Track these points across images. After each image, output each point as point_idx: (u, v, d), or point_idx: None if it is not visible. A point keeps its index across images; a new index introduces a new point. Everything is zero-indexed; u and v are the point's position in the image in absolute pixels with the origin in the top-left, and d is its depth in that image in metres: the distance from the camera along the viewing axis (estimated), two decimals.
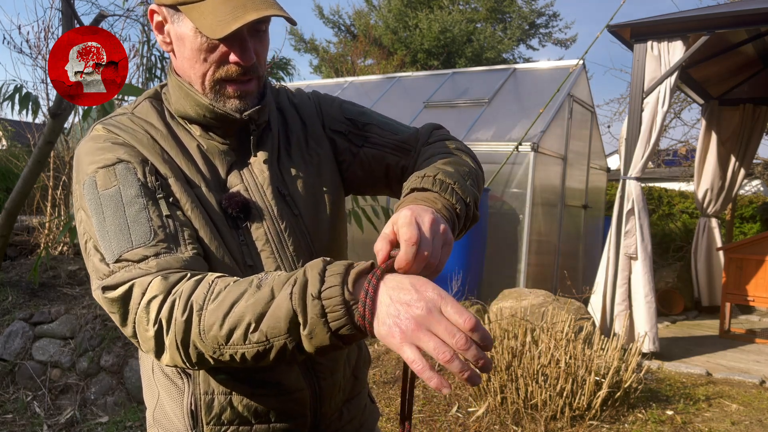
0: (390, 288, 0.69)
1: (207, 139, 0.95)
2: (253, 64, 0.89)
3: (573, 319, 3.45)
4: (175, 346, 0.76)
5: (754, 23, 4.54)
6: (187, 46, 0.88)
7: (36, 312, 4.03)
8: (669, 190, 10.70)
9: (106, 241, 0.81)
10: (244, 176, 0.95)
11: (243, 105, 0.92)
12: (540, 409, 3.07)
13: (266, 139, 0.99)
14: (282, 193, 0.96)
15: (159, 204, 0.84)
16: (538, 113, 5.58)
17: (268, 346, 0.72)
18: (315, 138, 1.04)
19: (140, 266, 0.78)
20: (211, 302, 0.74)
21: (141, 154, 0.88)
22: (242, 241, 0.91)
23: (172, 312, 0.75)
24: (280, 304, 0.70)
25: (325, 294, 0.69)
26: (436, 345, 0.65)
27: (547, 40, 19.15)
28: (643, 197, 4.72)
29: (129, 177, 0.84)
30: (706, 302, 6.87)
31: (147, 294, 0.76)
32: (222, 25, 0.82)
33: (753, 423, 3.35)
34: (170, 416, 0.94)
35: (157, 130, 0.93)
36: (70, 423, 3.46)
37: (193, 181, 0.90)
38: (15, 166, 6.91)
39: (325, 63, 18.80)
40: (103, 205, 0.82)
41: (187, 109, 0.93)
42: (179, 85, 0.93)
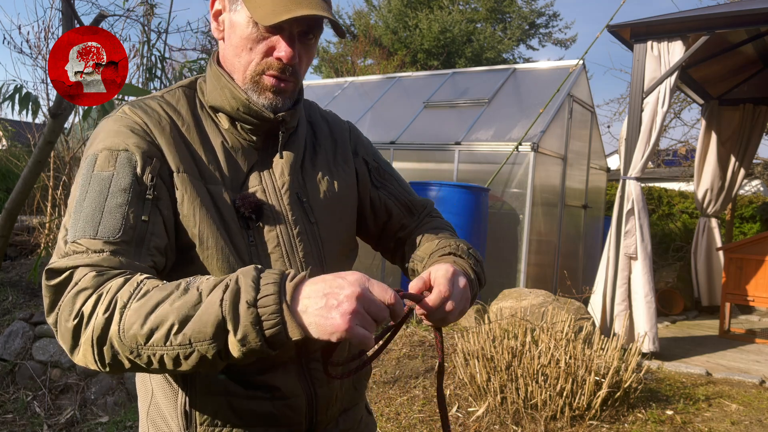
0: (318, 285, 0.72)
1: (233, 134, 0.96)
2: (294, 65, 0.92)
3: (573, 319, 3.45)
4: (90, 342, 0.74)
5: (754, 23, 4.55)
6: (238, 34, 0.91)
7: (36, 312, 4.03)
8: (669, 190, 10.71)
9: (75, 219, 0.81)
10: (264, 178, 0.96)
11: (276, 102, 0.93)
12: (540, 409, 3.07)
13: (292, 144, 1.01)
14: (300, 198, 0.98)
15: (144, 204, 0.84)
16: (538, 113, 5.59)
17: (189, 350, 0.71)
18: (343, 156, 1.08)
19: (90, 256, 0.78)
20: (136, 301, 0.73)
21: (152, 147, 0.88)
22: (252, 241, 0.92)
23: (95, 307, 0.74)
24: (208, 309, 0.70)
25: (261, 302, 0.70)
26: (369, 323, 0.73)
27: (547, 40, 19.16)
28: (642, 197, 4.72)
29: (126, 168, 0.84)
30: (706, 302, 6.87)
31: (78, 285, 0.76)
32: (274, 14, 0.85)
33: (753, 423, 3.35)
34: (164, 415, 0.94)
35: (183, 120, 0.93)
36: (71, 423, 3.46)
37: (209, 176, 0.91)
38: (15, 166, 6.91)
39: (325, 63, 18.81)
40: (91, 184, 0.83)
41: (221, 101, 0.94)
42: (218, 75, 0.95)
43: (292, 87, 0.95)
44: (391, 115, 7.00)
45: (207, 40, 5.43)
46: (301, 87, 1.01)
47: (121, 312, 0.73)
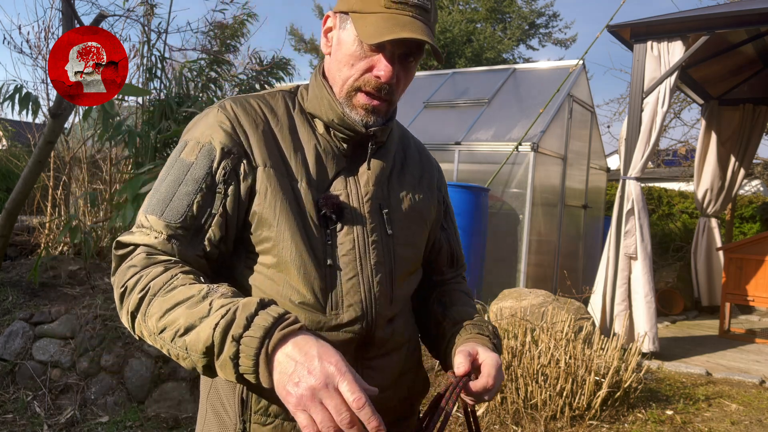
0: (298, 350, 0.74)
1: (326, 140, 1.01)
2: (391, 84, 0.95)
3: (573, 319, 3.45)
4: (127, 311, 0.85)
5: (754, 23, 4.55)
6: (343, 51, 0.96)
7: (36, 312, 4.03)
8: (669, 190, 10.71)
9: (152, 195, 0.93)
10: (349, 183, 0.99)
11: (368, 119, 0.97)
12: (540, 409, 3.07)
13: (381, 158, 1.04)
14: (381, 209, 1.01)
15: (213, 197, 0.91)
16: (538, 113, 5.59)
17: (185, 355, 0.79)
18: (428, 184, 1.12)
19: (152, 236, 0.89)
20: (163, 294, 0.82)
21: (237, 145, 0.94)
22: (328, 241, 0.95)
23: (135, 285, 0.85)
24: (204, 329, 0.76)
25: (244, 341, 0.74)
26: (323, 418, 0.71)
27: (547, 40, 19.16)
28: (642, 197, 4.72)
29: (205, 161, 0.92)
30: (706, 302, 6.87)
31: (131, 261, 0.88)
32: (378, 34, 0.90)
33: (753, 423, 3.35)
34: (223, 400, 0.98)
35: (278, 120, 0.99)
36: (71, 423, 3.46)
37: (296, 174, 0.96)
38: (15, 166, 6.91)
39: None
40: (174, 167, 0.94)
41: (318, 110, 1.00)
42: (321, 86, 1.00)
43: (386, 107, 0.98)
44: None
45: (207, 40, 5.43)
46: (395, 108, 1.05)
47: (149, 300, 0.83)
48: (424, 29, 0.92)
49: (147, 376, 3.64)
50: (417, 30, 0.91)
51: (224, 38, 5.40)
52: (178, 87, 4.99)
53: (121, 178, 5.39)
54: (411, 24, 0.92)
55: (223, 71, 5.30)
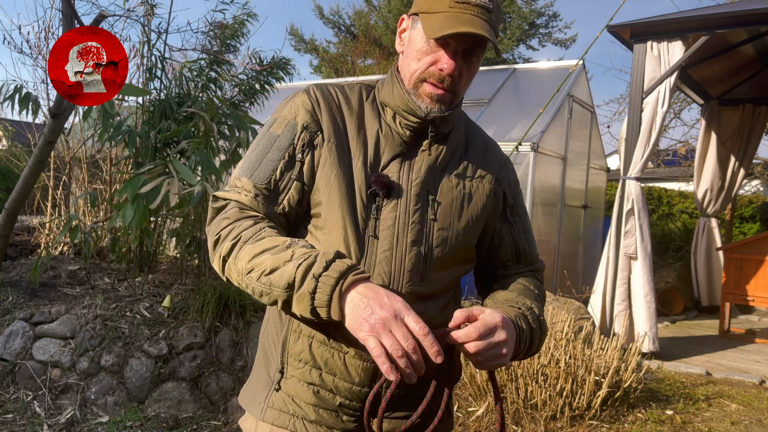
0: (369, 290, 0.90)
1: (391, 126, 1.13)
2: (453, 76, 1.06)
3: (573, 319, 3.45)
4: (219, 256, 1.02)
5: (754, 23, 4.55)
6: (413, 47, 1.08)
7: (36, 312, 4.04)
8: (669, 190, 10.70)
9: (245, 161, 1.10)
10: (403, 167, 1.10)
11: (431, 106, 1.08)
12: (540, 409, 3.07)
13: (440, 147, 1.13)
14: (429, 195, 1.10)
15: (293, 164, 1.08)
16: (538, 113, 5.58)
17: (268, 291, 0.95)
18: (486, 178, 1.18)
19: (243, 194, 1.06)
20: (252, 242, 0.98)
21: (314, 123, 1.10)
22: (373, 215, 1.07)
23: (228, 234, 1.01)
24: (288, 268, 0.92)
25: (322, 279, 0.90)
26: (393, 343, 0.86)
27: (547, 40, 19.15)
28: (642, 197, 4.72)
29: (289, 134, 1.09)
30: (706, 302, 6.87)
31: (225, 214, 1.05)
32: (440, 30, 1.01)
33: (752, 423, 3.35)
34: (270, 341, 1.15)
35: (350, 106, 1.14)
36: (71, 423, 3.46)
37: (354, 152, 1.09)
38: (15, 166, 6.91)
39: (325, 63, 18.81)
40: (264, 138, 1.11)
41: (389, 98, 1.13)
42: (393, 79, 1.13)
43: (450, 97, 1.08)
44: None
45: (207, 40, 5.43)
46: (461, 100, 1.14)
47: (240, 246, 0.99)
48: (483, 26, 1.02)
49: (147, 376, 3.64)
50: (476, 26, 1.01)
51: (224, 38, 5.40)
52: (178, 87, 4.99)
53: (121, 178, 5.39)
54: (471, 21, 1.01)
55: (223, 71, 5.30)
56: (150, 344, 3.77)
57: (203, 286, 4.16)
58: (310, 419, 1.09)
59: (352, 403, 1.08)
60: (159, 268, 4.91)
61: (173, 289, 4.33)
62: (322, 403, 1.08)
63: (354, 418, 1.09)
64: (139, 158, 4.70)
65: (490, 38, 1.02)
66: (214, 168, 3.94)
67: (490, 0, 1.05)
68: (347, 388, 1.07)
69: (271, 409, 1.11)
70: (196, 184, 3.66)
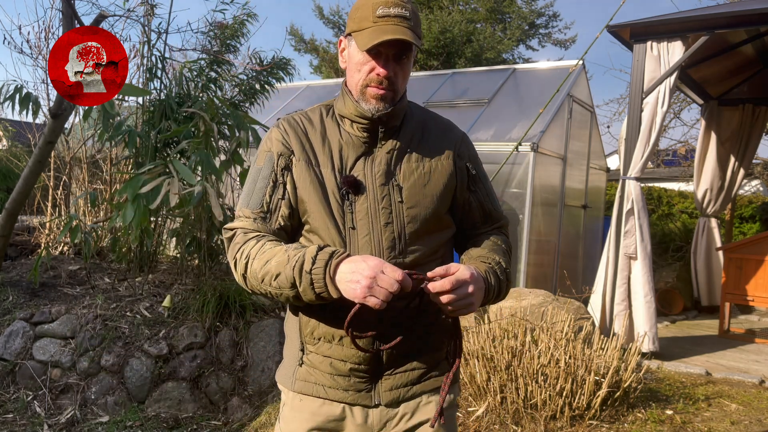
0: (350, 263, 1.13)
1: (350, 133, 1.33)
2: (389, 77, 1.26)
3: (573, 318, 3.46)
4: (240, 275, 1.26)
5: (754, 23, 4.55)
6: (352, 61, 1.30)
7: (36, 312, 4.04)
8: (668, 190, 10.70)
9: (242, 195, 1.33)
10: (366, 164, 1.31)
11: (378, 106, 1.28)
12: (540, 409, 3.08)
13: (394, 139, 1.34)
14: (392, 182, 1.30)
15: (276, 188, 1.30)
16: (537, 113, 5.59)
17: (279, 292, 1.20)
18: (445, 156, 1.37)
19: (243, 221, 1.30)
20: (259, 257, 1.22)
21: (287, 149, 1.31)
22: (349, 210, 1.28)
23: (240, 256, 1.25)
24: (287, 271, 1.17)
25: (314, 272, 1.15)
26: (381, 293, 1.10)
27: (546, 40, 19.14)
28: (642, 197, 4.72)
29: (269, 164, 1.31)
30: (706, 302, 6.87)
31: (235, 240, 1.29)
32: (369, 41, 1.21)
33: (752, 423, 3.35)
34: (291, 327, 1.40)
35: (313, 125, 1.35)
36: (71, 423, 3.47)
37: (322, 163, 1.30)
38: (16, 166, 6.91)
39: (325, 63, 18.80)
40: (252, 172, 1.34)
41: (344, 110, 1.33)
42: (343, 92, 1.34)
43: (391, 95, 1.28)
44: None
45: (207, 41, 5.43)
46: (403, 95, 1.34)
47: (251, 262, 1.23)
48: (404, 32, 1.21)
49: (147, 376, 3.64)
50: (397, 33, 1.21)
51: (224, 38, 5.40)
52: (179, 87, 4.99)
53: (121, 178, 5.39)
54: (393, 29, 1.21)
55: (223, 71, 5.30)
56: (150, 344, 3.77)
57: (203, 286, 4.16)
58: (328, 385, 1.32)
59: (360, 366, 1.30)
60: (159, 268, 4.92)
61: (173, 289, 4.33)
62: (336, 370, 1.31)
63: (364, 380, 1.32)
64: (139, 158, 4.71)
65: (410, 40, 1.21)
66: (214, 168, 3.94)
67: (406, 9, 1.24)
68: (353, 354, 1.29)
69: (298, 381, 1.35)
70: (196, 184, 3.66)
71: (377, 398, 1.32)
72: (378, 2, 1.24)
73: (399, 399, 1.33)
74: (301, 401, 1.36)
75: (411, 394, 1.34)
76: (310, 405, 1.35)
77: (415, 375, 1.34)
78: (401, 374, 1.33)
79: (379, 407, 1.33)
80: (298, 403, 1.36)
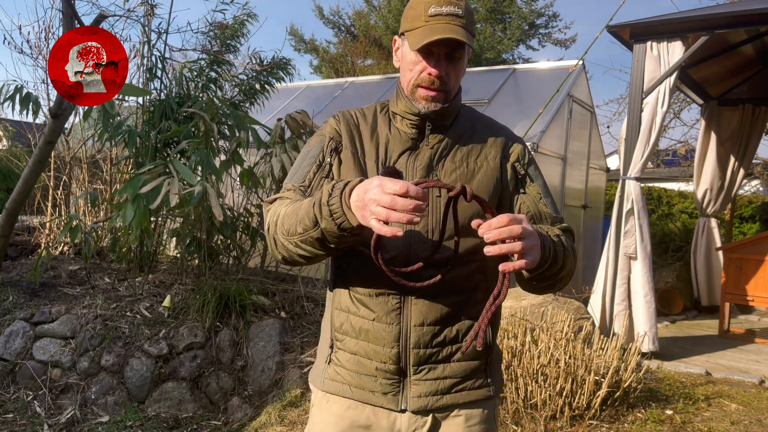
0: (358, 188, 1.09)
1: (399, 129, 1.35)
2: (441, 77, 1.26)
3: (572, 318, 3.46)
4: (272, 238, 1.26)
5: (754, 23, 4.55)
6: (405, 61, 1.31)
7: (36, 312, 4.04)
8: (668, 190, 10.70)
9: (289, 173, 1.38)
10: (410, 159, 1.32)
11: (428, 106, 1.29)
12: (539, 409, 3.08)
13: (441, 137, 1.34)
14: (432, 176, 1.29)
15: (322, 167, 1.33)
16: (537, 113, 5.59)
17: (305, 237, 1.16)
18: (492, 157, 1.36)
19: (284, 193, 1.32)
20: (287, 213, 1.21)
21: (337, 136, 1.36)
22: None
23: (271, 218, 1.26)
24: (309, 211, 1.15)
25: (331, 202, 1.10)
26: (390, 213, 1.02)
27: (546, 40, 19.15)
28: (642, 197, 4.72)
29: (319, 145, 1.36)
30: (706, 302, 6.87)
31: (272, 207, 1.30)
32: (420, 41, 1.22)
33: (752, 423, 3.35)
34: (325, 322, 1.40)
35: (366, 119, 1.39)
36: (71, 422, 3.47)
37: (368, 154, 1.33)
38: (16, 166, 6.91)
39: (325, 63, 18.81)
40: (301, 153, 1.38)
41: (396, 107, 1.36)
42: (398, 91, 1.36)
43: (442, 96, 1.29)
44: None
45: (207, 41, 5.43)
46: (457, 94, 1.34)
47: (281, 218, 1.23)
48: (456, 30, 1.21)
49: (147, 375, 3.64)
50: (448, 32, 1.20)
51: (224, 38, 5.40)
52: (179, 87, 5.00)
53: (121, 178, 5.39)
54: (443, 29, 1.21)
55: (223, 71, 5.30)
56: (150, 344, 3.77)
57: (203, 286, 4.16)
58: (354, 384, 1.31)
59: (386, 365, 1.28)
60: (159, 268, 4.92)
61: (173, 289, 4.34)
62: (362, 369, 1.30)
63: (391, 382, 1.29)
64: (139, 158, 4.71)
65: (462, 39, 1.20)
66: (214, 168, 3.94)
67: (459, 7, 1.23)
68: (379, 351, 1.28)
69: (327, 380, 1.35)
70: (196, 184, 3.66)
71: (404, 403, 1.28)
72: (430, 1, 1.23)
73: (427, 407, 1.28)
74: (327, 402, 1.35)
75: (441, 405, 1.28)
76: (336, 407, 1.33)
77: (446, 384, 1.29)
78: (431, 382, 1.28)
79: (406, 413, 1.29)
80: (324, 405, 1.35)
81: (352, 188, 1.10)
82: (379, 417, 1.30)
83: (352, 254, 1.29)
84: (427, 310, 1.26)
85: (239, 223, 4.70)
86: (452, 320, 1.28)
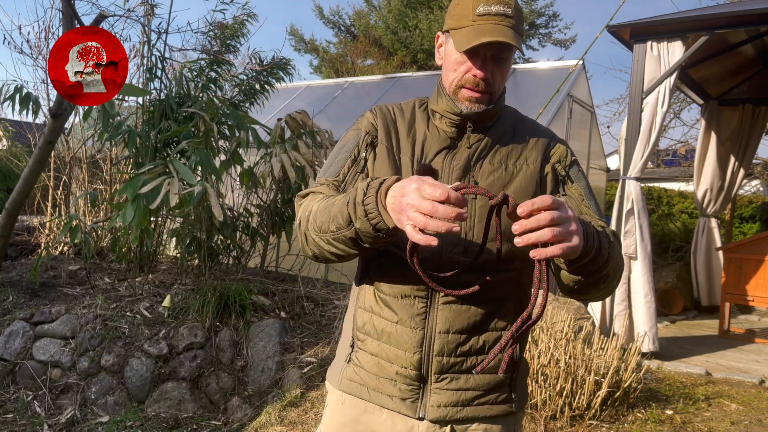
0: (395, 188, 1.03)
1: (438, 127, 1.31)
2: (486, 79, 1.21)
3: (573, 318, 3.46)
4: (303, 233, 1.21)
5: (754, 23, 4.55)
6: (449, 60, 1.26)
7: (36, 312, 4.04)
8: (668, 190, 10.70)
9: (323, 167, 1.34)
10: (447, 157, 1.27)
11: (471, 107, 1.24)
12: (540, 409, 3.08)
13: (481, 138, 1.29)
14: (469, 177, 1.26)
15: (357, 162, 1.30)
16: (537, 113, 5.59)
17: (338, 234, 1.11)
18: (532, 160, 1.30)
19: (317, 188, 1.27)
20: (320, 209, 1.16)
21: (374, 131, 1.32)
22: None
23: (303, 214, 1.22)
24: (343, 209, 1.10)
25: (366, 202, 1.05)
26: (425, 220, 0.95)
27: (546, 40, 19.14)
28: (642, 197, 4.72)
29: (354, 140, 1.32)
30: (706, 302, 6.87)
31: (305, 201, 1.26)
32: (467, 42, 1.17)
33: (752, 423, 3.35)
34: (348, 321, 1.37)
35: (403, 115, 1.35)
36: (71, 423, 3.47)
37: (402, 149, 1.30)
38: (16, 166, 6.91)
39: (325, 63, 18.80)
40: (336, 147, 1.34)
41: (436, 105, 1.31)
42: (438, 88, 1.32)
43: (487, 98, 1.24)
44: None
45: (207, 41, 5.43)
46: (501, 95, 1.29)
47: (312, 214, 1.18)
48: (504, 31, 1.16)
49: (147, 376, 3.64)
50: (496, 34, 1.15)
51: (224, 38, 5.40)
52: (179, 87, 5.00)
53: (121, 178, 5.39)
54: (492, 30, 1.15)
55: (223, 71, 5.30)
56: (150, 344, 3.77)
57: (203, 286, 4.16)
58: (372, 387, 1.27)
59: (406, 371, 1.24)
60: (159, 268, 4.92)
61: (173, 289, 4.34)
62: (382, 372, 1.26)
63: (410, 388, 1.24)
64: (139, 158, 4.71)
65: (511, 42, 1.15)
66: (214, 168, 3.94)
67: (508, 6, 1.17)
68: (400, 355, 1.23)
69: (344, 380, 1.31)
70: (196, 184, 3.66)
71: (422, 411, 1.24)
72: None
73: (447, 418, 1.23)
74: (343, 403, 1.31)
75: (461, 417, 1.24)
76: (351, 409, 1.30)
77: (467, 396, 1.24)
78: (452, 392, 1.23)
79: (424, 421, 1.24)
80: (339, 406, 1.32)
81: (387, 188, 1.05)
82: (396, 423, 1.26)
83: (383, 254, 1.25)
84: (454, 317, 1.22)
85: (239, 223, 4.70)
86: (479, 330, 1.23)
